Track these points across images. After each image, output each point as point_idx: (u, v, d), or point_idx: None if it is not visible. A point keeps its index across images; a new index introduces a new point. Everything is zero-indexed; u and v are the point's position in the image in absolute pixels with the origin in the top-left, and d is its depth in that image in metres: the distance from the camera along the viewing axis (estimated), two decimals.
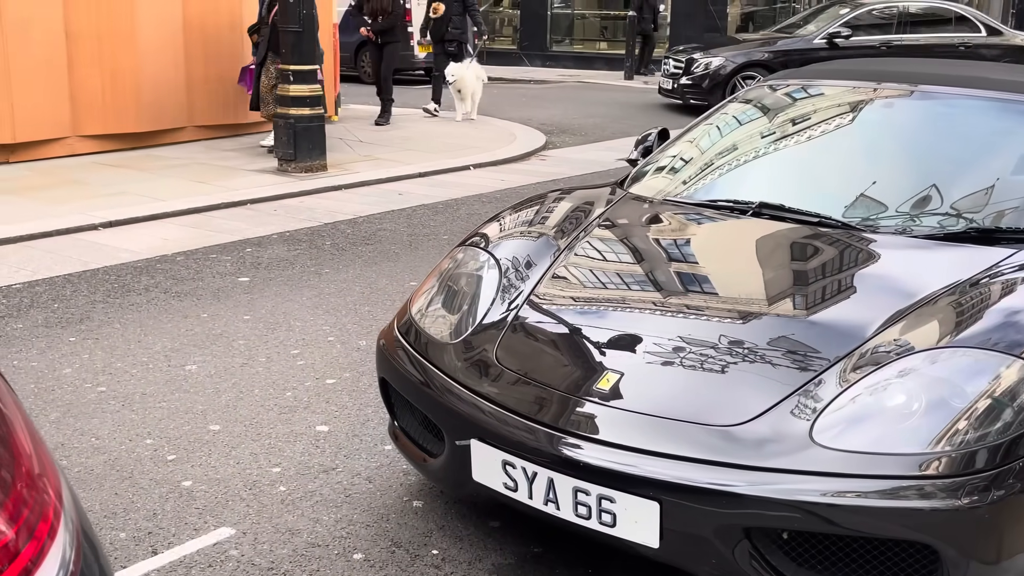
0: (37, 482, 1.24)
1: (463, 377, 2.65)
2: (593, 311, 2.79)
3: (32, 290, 5.10)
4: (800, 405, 2.23)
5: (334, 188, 7.82)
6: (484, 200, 7.59)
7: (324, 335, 4.50)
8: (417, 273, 5.50)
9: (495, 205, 7.39)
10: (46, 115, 8.40)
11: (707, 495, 2.15)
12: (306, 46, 8.13)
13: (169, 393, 3.83)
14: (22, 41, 8.12)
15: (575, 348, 2.65)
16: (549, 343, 2.71)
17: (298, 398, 3.80)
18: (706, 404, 2.35)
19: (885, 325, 2.43)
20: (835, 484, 2.08)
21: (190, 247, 6.00)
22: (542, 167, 9.25)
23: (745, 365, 2.43)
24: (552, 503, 2.33)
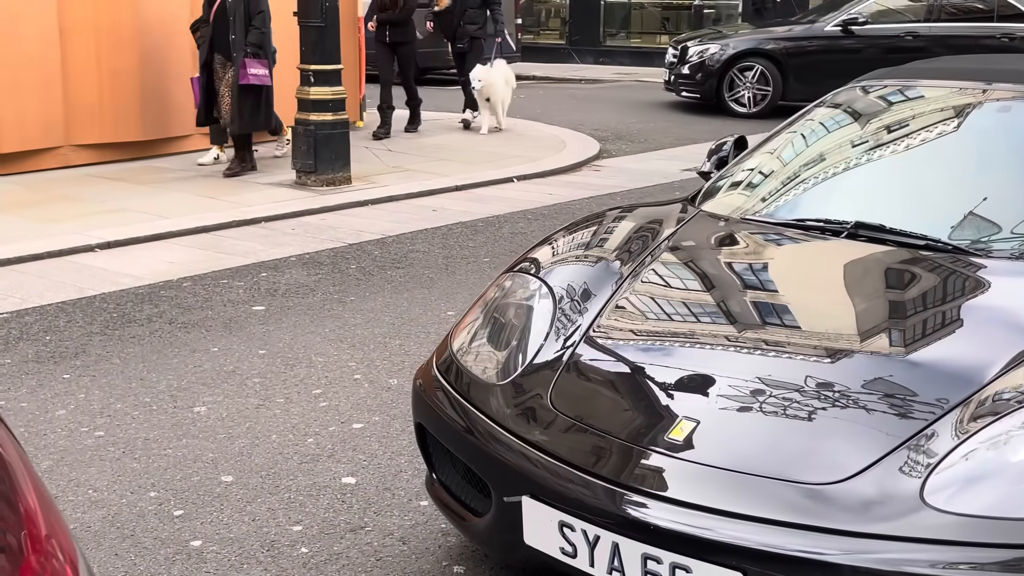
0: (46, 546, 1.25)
1: (513, 423, 2.64)
2: (662, 348, 2.77)
3: (21, 320, 5.19)
4: (909, 461, 2.20)
5: (359, 204, 7.89)
6: (530, 217, 7.62)
7: (350, 372, 4.52)
8: (454, 301, 5.52)
9: (543, 223, 7.40)
10: (36, 122, 8.58)
11: (799, 565, 2.12)
12: (329, 43, 8.25)
13: (175, 439, 3.87)
14: (10, 37, 8.31)
15: (642, 392, 2.64)
16: (612, 385, 2.70)
17: (321, 445, 3.82)
18: (793, 458, 2.32)
19: (1008, 367, 2.39)
20: (950, 554, 2.04)
21: (198, 271, 6.07)
22: (596, 179, 9.27)
23: (836, 412, 2.40)
24: (618, 572, 2.32)
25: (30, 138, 8.58)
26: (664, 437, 2.41)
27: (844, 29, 12.98)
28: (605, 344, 2.81)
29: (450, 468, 2.91)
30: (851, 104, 3.92)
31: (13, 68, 8.35)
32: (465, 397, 2.81)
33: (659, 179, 9.15)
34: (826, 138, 3.78)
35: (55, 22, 8.62)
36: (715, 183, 3.72)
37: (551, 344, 2.84)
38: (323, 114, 8.24)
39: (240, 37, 8.33)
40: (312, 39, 8.20)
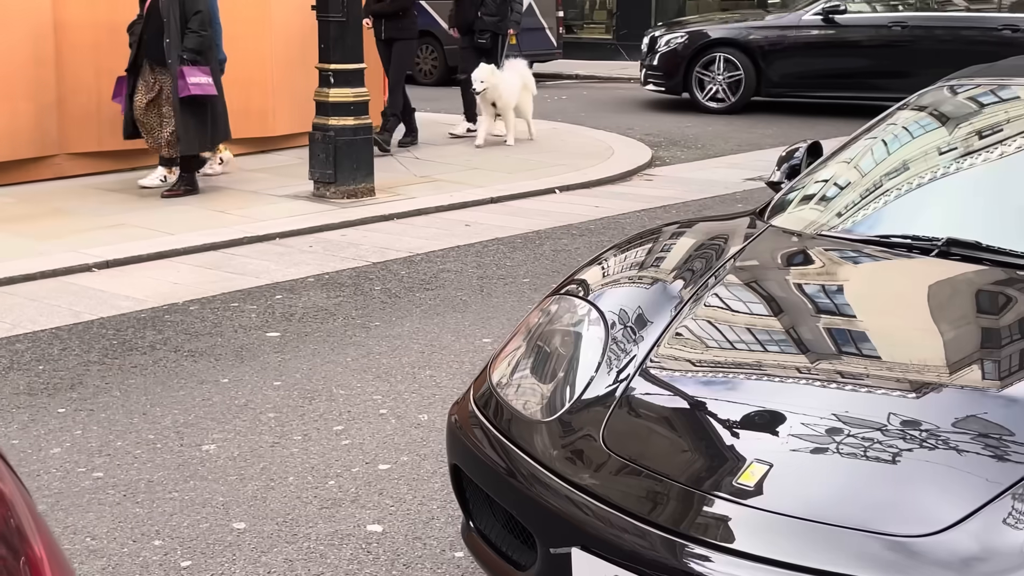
0: None
1: (560, 465, 2.64)
2: (728, 381, 2.76)
3: (11, 348, 5.26)
4: (1014, 511, 2.17)
5: (384, 218, 7.94)
6: (574, 233, 7.63)
7: (374, 407, 4.54)
8: (490, 327, 5.53)
9: (588, 239, 7.41)
10: (27, 129, 8.70)
11: None
12: (350, 40, 8.32)
13: (182, 481, 3.89)
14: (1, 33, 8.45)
15: (706, 431, 2.62)
16: (672, 423, 2.69)
17: (343, 488, 3.83)
18: (878, 506, 2.29)
19: None
20: None
21: (206, 293, 6.13)
22: (648, 189, 9.27)
23: (925, 454, 2.37)
24: None
25: (21, 146, 8.71)
26: (732, 482, 2.40)
27: (825, 18, 13.17)
28: (663, 377, 2.79)
29: (489, 515, 2.90)
30: (938, 106, 3.90)
31: (2, 69, 8.48)
32: (506, 435, 2.81)
33: (719, 189, 9.14)
34: (911, 144, 3.76)
35: (49, 18, 8.75)
36: (786, 194, 3.71)
37: (602, 376, 2.84)
38: (344, 118, 8.30)
39: (175, 41, 8.04)
40: (332, 35, 8.28)
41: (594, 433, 2.68)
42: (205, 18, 8.15)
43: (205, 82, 8.07)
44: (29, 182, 8.74)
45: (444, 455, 3.91)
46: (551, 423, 2.77)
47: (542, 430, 2.76)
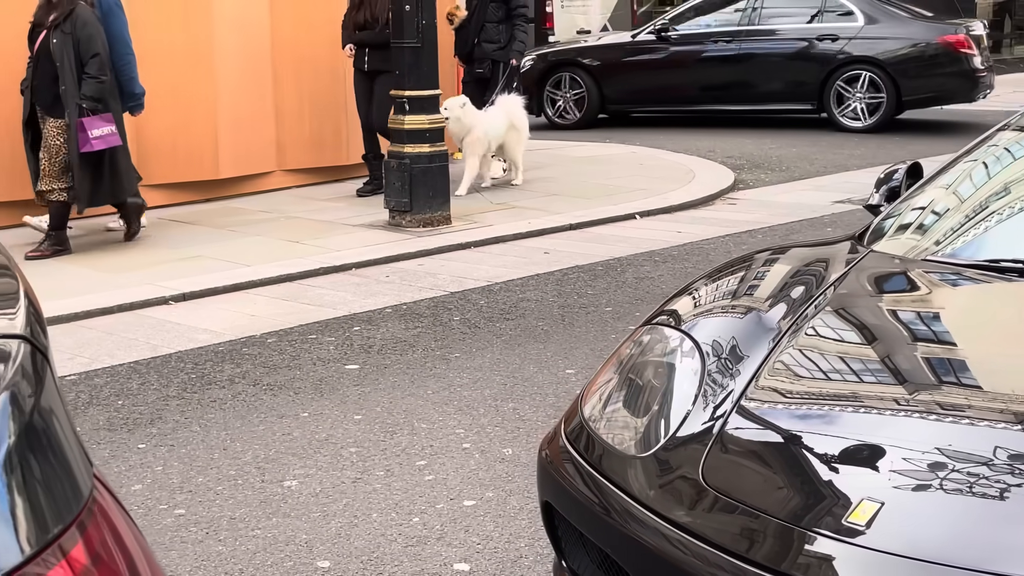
0: None
1: (657, 502, 2.61)
2: (833, 416, 2.71)
3: (90, 383, 5.34)
4: None
5: (461, 246, 7.96)
6: (657, 259, 7.59)
7: (457, 441, 4.54)
8: (573, 357, 5.51)
9: (671, 265, 7.37)
10: None
11: None
12: (425, 66, 8.39)
13: (264, 518, 3.92)
14: None
15: (808, 467, 2.58)
16: (772, 460, 2.65)
17: (428, 525, 3.83)
18: (989, 545, 2.24)
19: None
20: None
21: (283, 325, 6.19)
22: (732, 214, 9.20)
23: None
24: None
25: None
26: (840, 519, 2.35)
27: (659, 36, 14.35)
28: (763, 412, 2.75)
29: (582, 554, 2.88)
30: None
31: None
32: (599, 471, 2.78)
33: (806, 213, 9.05)
34: (1015, 165, 3.68)
35: None
36: (886, 218, 3.65)
37: (699, 411, 2.80)
38: (419, 146, 8.36)
39: (71, 89, 7.44)
40: (407, 62, 8.35)
41: (692, 470, 2.64)
42: (104, 61, 7.55)
43: (108, 132, 7.53)
44: (105, 215, 8.89)
45: (530, 491, 3.90)
46: (646, 459, 2.74)
47: (637, 466, 2.73)
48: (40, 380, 1.31)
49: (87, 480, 1.30)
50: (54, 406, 1.31)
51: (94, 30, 7.53)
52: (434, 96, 8.50)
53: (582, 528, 2.80)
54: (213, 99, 9.33)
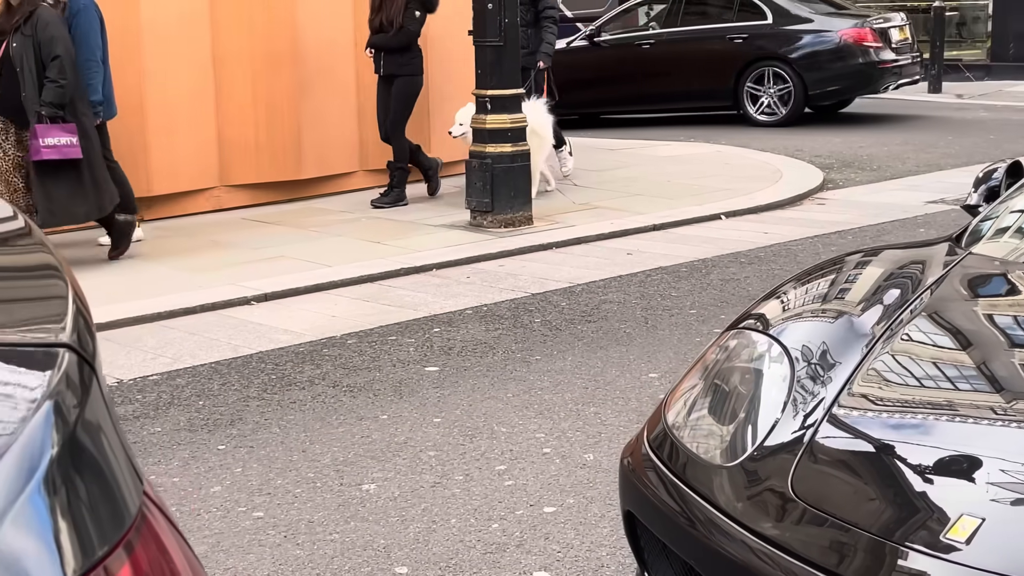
0: None
1: (743, 514, 2.53)
2: (930, 425, 2.61)
3: (172, 383, 5.38)
4: None
5: (543, 247, 7.91)
6: (743, 261, 7.47)
7: (538, 445, 4.49)
8: (656, 361, 5.43)
9: (758, 267, 7.24)
10: (187, 162, 8.97)
11: None
12: (507, 65, 8.35)
13: (343, 521, 3.90)
14: (162, 65, 8.74)
15: (904, 479, 2.49)
16: (865, 471, 2.56)
17: (507, 532, 3.78)
18: None
19: None
20: None
21: (364, 326, 6.18)
22: (820, 214, 9.04)
23: None
24: None
25: (181, 179, 8.98)
26: (936, 534, 2.26)
27: (591, 41, 14.88)
28: (856, 421, 2.67)
29: (666, 565, 2.81)
30: None
31: (165, 103, 8.76)
32: (683, 480, 2.72)
33: (898, 213, 8.85)
34: None
35: (209, 51, 9.02)
36: (986, 219, 3.53)
37: (788, 419, 2.72)
38: (501, 145, 8.33)
39: (32, 95, 7.00)
40: (489, 60, 8.32)
41: (780, 481, 2.57)
42: (67, 64, 7.00)
43: (65, 143, 6.94)
44: (188, 215, 9.00)
45: (612, 498, 3.83)
46: (733, 468, 2.66)
47: (723, 475, 2.66)
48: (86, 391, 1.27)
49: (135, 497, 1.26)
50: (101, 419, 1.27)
51: (56, 32, 7.04)
52: (516, 95, 8.46)
53: (665, 539, 2.74)
54: (296, 100, 9.38)
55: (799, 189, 9.81)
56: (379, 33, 9.17)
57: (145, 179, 8.76)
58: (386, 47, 9.15)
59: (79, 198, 7.18)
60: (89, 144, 7.16)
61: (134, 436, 4.69)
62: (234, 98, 9.18)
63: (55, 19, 7.14)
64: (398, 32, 9.06)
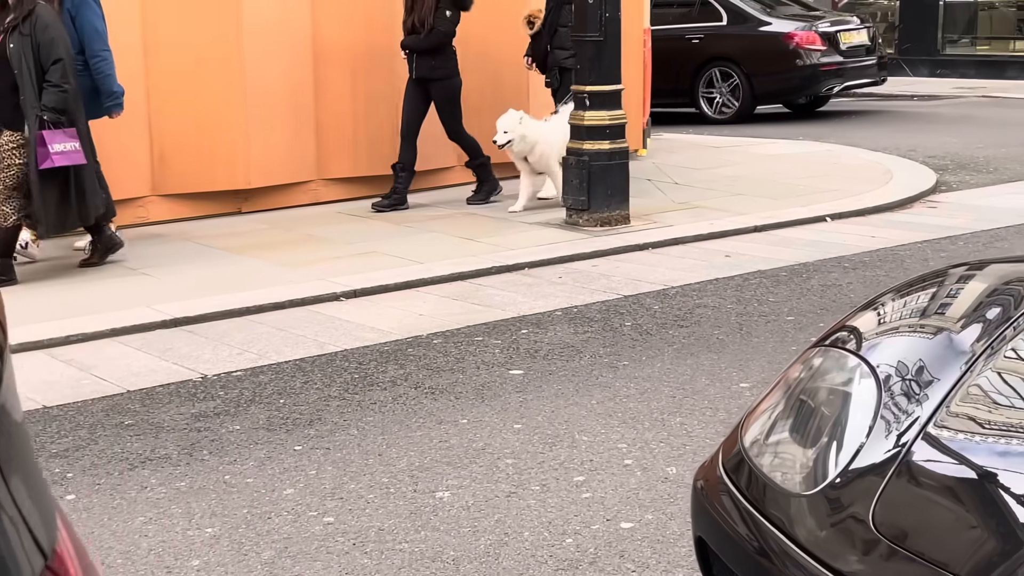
0: None
1: (820, 548, 2.37)
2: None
3: (255, 379, 5.34)
4: None
5: (638, 247, 7.75)
6: (846, 265, 7.21)
7: (619, 456, 4.34)
8: (748, 370, 5.24)
9: (862, 273, 6.99)
10: (284, 155, 8.98)
11: None
12: (607, 60, 8.20)
13: (413, 530, 3.79)
14: (263, 60, 8.77)
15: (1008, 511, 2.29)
16: (961, 502, 2.37)
17: (581, 548, 3.64)
18: None
19: None
20: None
21: (450, 326, 6.09)
22: (931, 218, 8.72)
23: None
24: None
25: (278, 172, 9.00)
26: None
27: None
28: (955, 442, 2.48)
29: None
30: None
31: (265, 97, 8.77)
32: (758, 508, 2.55)
33: (1014, 219, 8.49)
34: None
35: (309, 44, 9.01)
36: None
37: (874, 444, 2.54)
38: (599, 142, 8.18)
39: (31, 98, 6.71)
40: (588, 55, 8.17)
41: (862, 512, 2.39)
42: (68, 67, 6.78)
43: (71, 148, 6.75)
44: (284, 208, 9.01)
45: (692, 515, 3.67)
46: (811, 497, 2.49)
47: (801, 505, 2.49)
48: None
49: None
50: None
51: (56, 33, 6.77)
52: (616, 91, 8.29)
53: (737, 570, 2.58)
54: (394, 95, 9.33)
55: (910, 191, 9.49)
56: (412, 35, 8.94)
57: (244, 172, 8.81)
58: (418, 49, 8.90)
59: (82, 203, 6.95)
60: (85, 149, 6.94)
61: (212, 434, 4.66)
62: (333, 92, 9.17)
63: (55, 20, 6.86)
64: (429, 33, 8.82)
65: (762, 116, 14.72)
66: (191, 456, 4.45)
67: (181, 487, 4.17)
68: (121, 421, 4.84)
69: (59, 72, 6.72)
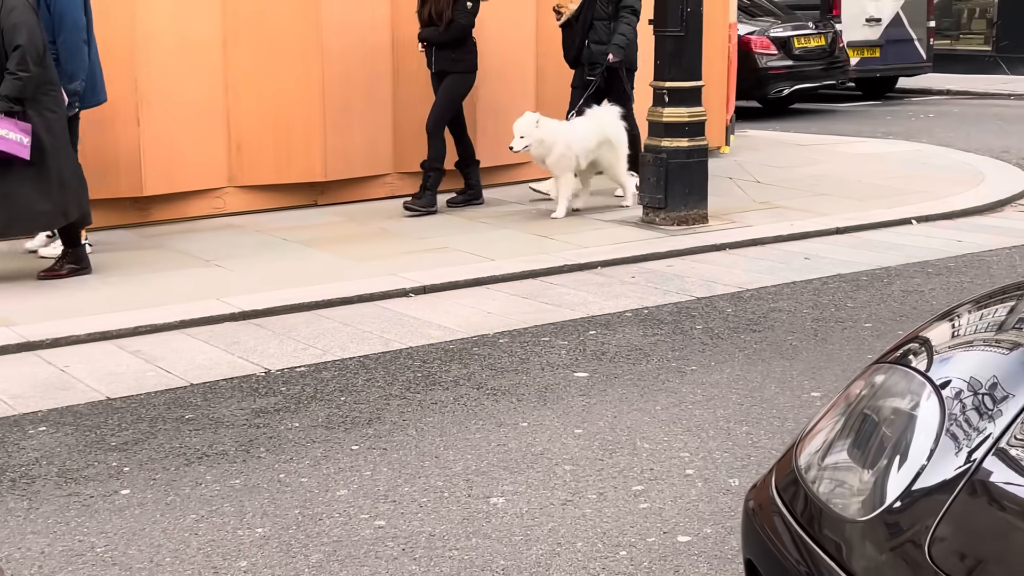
0: None
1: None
2: None
3: (318, 376, 5.30)
4: None
5: (714, 247, 7.60)
6: (929, 271, 7.00)
7: (680, 466, 4.22)
8: (821, 378, 5.08)
9: (945, 279, 6.77)
10: (362, 148, 8.95)
11: None
12: (688, 56, 8.05)
13: (464, 537, 3.72)
14: (339, 48, 8.74)
15: None
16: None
17: (635, 561, 3.53)
18: None
19: None
20: None
21: (518, 325, 6.00)
22: (1022, 223, 8.43)
23: None
24: None
25: (355, 165, 8.98)
26: None
27: None
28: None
29: None
30: None
31: (344, 89, 8.75)
32: (811, 533, 2.43)
33: None
34: None
35: (388, 37, 8.98)
36: None
37: (939, 463, 2.40)
38: (677, 140, 8.03)
39: None
40: (668, 51, 8.03)
41: (920, 540, 2.26)
42: (29, 54, 6.38)
43: (14, 138, 6.33)
44: (360, 201, 8.98)
45: None
46: (869, 523, 2.36)
47: (855, 532, 2.36)
48: None
49: None
50: None
51: (21, 19, 6.41)
52: (696, 88, 8.13)
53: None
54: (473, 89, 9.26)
55: (1001, 194, 9.20)
56: (430, 27, 8.57)
57: (321, 165, 8.81)
58: (436, 42, 8.55)
59: (43, 198, 6.55)
60: (55, 141, 6.58)
61: (271, 431, 4.63)
62: (411, 85, 9.12)
63: (23, 5, 6.47)
64: (448, 26, 8.46)
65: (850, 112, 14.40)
66: (248, 453, 4.42)
67: (235, 484, 4.13)
68: (182, 415, 4.83)
69: (16, 59, 6.39)
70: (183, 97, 8.23)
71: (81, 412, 4.87)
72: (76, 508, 3.97)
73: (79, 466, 4.32)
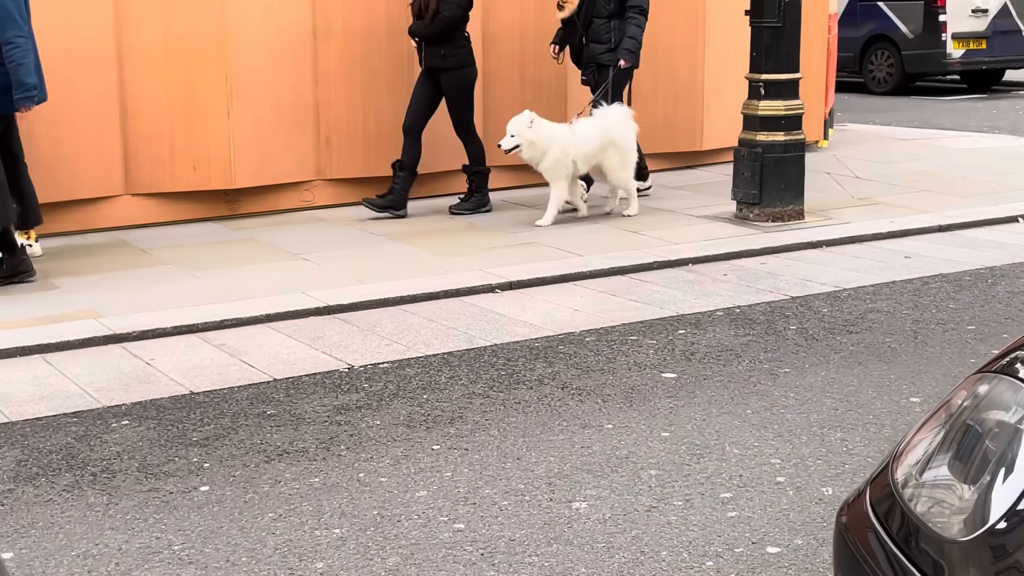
0: None
1: None
2: None
3: (401, 372, 5.25)
4: None
5: (810, 245, 7.42)
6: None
7: (771, 472, 4.08)
8: (920, 383, 4.90)
9: None
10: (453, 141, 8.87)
11: None
12: (785, 48, 7.88)
13: (545, 543, 3.63)
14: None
15: None
16: None
17: (722, 572, 3.41)
18: None
19: None
20: None
21: (605, 323, 5.90)
22: None
23: None
24: None
25: (443, 159, 8.92)
26: None
27: None
28: None
29: None
30: None
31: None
32: (907, 553, 2.30)
33: None
34: None
35: (479, 31, 8.91)
36: None
37: None
38: (773, 133, 7.85)
39: None
40: (765, 43, 7.85)
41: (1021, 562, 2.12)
42: None
43: None
44: (448, 195, 8.93)
45: None
46: (968, 545, 2.22)
47: (955, 552, 2.23)
48: None
49: None
50: None
51: None
52: (793, 80, 7.94)
53: None
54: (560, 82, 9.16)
55: None
56: (419, 20, 8.17)
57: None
58: (422, 36, 8.15)
59: None
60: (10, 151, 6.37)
61: (352, 428, 4.59)
62: (501, 78, 9.07)
63: None
64: (433, 19, 8.03)
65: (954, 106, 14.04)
66: (328, 451, 4.38)
67: (314, 483, 4.09)
68: (264, 411, 4.81)
69: None
70: (273, 90, 8.25)
71: (164, 406, 4.88)
72: (155, 504, 3.96)
73: (160, 461, 4.31)
